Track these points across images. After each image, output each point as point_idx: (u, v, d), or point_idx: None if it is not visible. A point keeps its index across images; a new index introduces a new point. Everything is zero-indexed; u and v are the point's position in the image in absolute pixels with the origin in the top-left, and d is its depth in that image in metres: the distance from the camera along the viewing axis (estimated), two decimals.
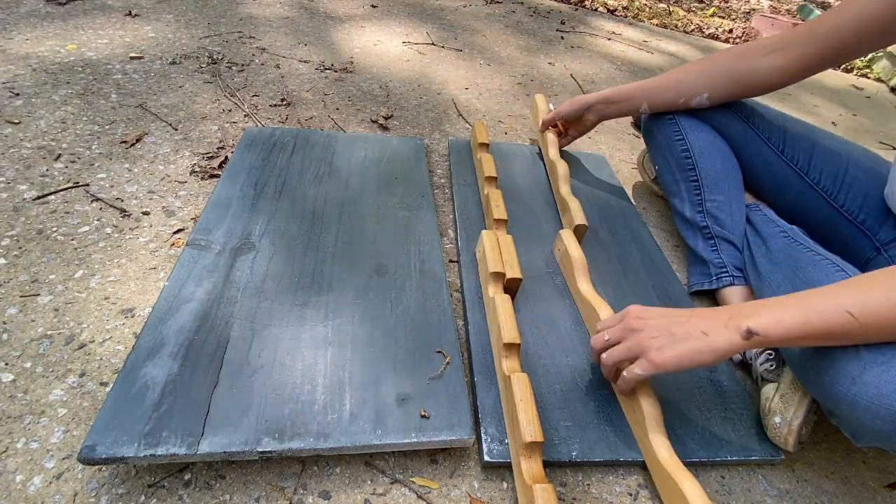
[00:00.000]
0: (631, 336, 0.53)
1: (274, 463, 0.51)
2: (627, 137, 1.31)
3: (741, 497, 0.57)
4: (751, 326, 0.47)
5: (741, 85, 0.76)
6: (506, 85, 1.45)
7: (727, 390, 0.65)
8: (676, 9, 2.87)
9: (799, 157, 0.78)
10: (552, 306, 0.72)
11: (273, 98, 1.13)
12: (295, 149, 0.92)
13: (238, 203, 0.77)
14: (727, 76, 0.77)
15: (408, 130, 1.12)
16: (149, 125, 0.96)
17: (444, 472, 0.53)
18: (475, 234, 0.82)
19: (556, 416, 0.58)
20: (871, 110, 1.96)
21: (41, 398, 0.53)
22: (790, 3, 3.65)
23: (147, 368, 0.52)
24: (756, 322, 0.47)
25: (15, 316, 0.60)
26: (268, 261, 0.68)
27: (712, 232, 0.81)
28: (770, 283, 0.67)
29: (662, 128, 0.86)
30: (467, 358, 0.64)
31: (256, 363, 0.55)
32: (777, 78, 0.72)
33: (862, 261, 0.74)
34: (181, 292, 0.61)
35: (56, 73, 1.04)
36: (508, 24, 1.95)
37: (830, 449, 0.64)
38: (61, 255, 0.68)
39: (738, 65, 0.75)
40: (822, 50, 0.67)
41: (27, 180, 0.78)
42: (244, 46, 1.33)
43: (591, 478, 0.55)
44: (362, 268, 0.70)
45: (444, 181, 0.98)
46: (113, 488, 0.47)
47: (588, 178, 1.03)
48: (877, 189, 0.73)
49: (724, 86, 0.78)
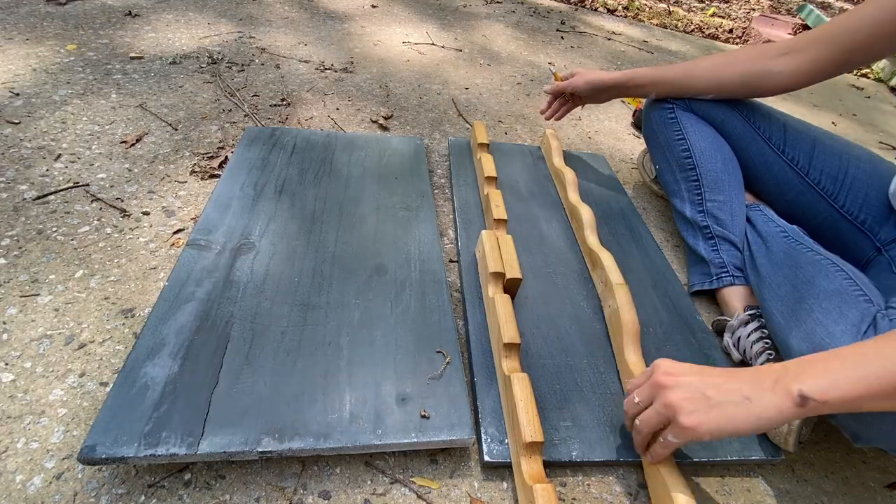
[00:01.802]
0: (659, 395, 0.46)
1: (274, 463, 0.51)
2: (627, 137, 1.31)
3: (741, 497, 0.57)
4: (803, 391, 0.40)
5: (751, 88, 0.76)
6: (506, 85, 1.45)
7: None
8: (676, 9, 2.87)
9: (799, 157, 0.78)
10: (552, 306, 0.72)
11: (273, 98, 1.13)
12: (295, 149, 0.92)
13: (238, 203, 0.77)
14: (738, 79, 0.76)
15: (408, 130, 1.12)
16: (149, 125, 0.96)
17: (444, 472, 0.53)
18: (475, 234, 0.82)
19: (556, 416, 0.58)
20: (871, 110, 1.96)
21: (41, 398, 0.53)
22: (790, 3, 3.65)
23: (147, 368, 0.52)
24: (809, 385, 0.40)
25: (15, 316, 0.60)
26: (268, 261, 0.68)
27: (713, 232, 0.81)
28: (770, 283, 0.67)
29: (663, 127, 0.86)
30: (467, 358, 0.64)
31: (256, 363, 0.55)
32: (787, 80, 0.72)
33: (862, 261, 0.74)
34: (181, 292, 0.61)
35: (56, 73, 1.04)
36: (508, 23, 1.95)
37: (830, 449, 0.64)
38: (61, 255, 0.68)
39: (750, 67, 0.74)
40: (835, 53, 0.67)
41: (27, 180, 0.78)
42: (244, 46, 1.33)
43: (591, 478, 0.55)
44: (362, 268, 0.70)
45: (444, 181, 0.98)
46: (113, 488, 0.47)
47: (588, 178, 1.03)
48: (877, 189, 0.73)
49: (734, 88, 0.78)
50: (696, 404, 0.43)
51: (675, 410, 0.44)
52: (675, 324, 0.73)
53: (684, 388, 0.45)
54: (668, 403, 0.45)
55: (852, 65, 0.67)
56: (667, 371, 0.47)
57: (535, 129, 1.25)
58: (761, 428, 0.42)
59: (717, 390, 0.43)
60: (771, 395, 0.41)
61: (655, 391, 0.47)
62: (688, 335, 0.72)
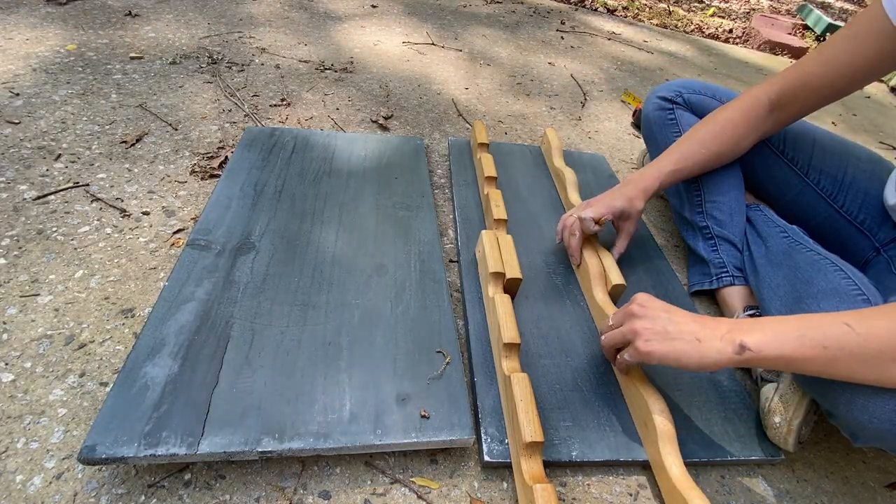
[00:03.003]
0: (629, 321, 0.54)
1: (274, 463, 0.51)
2: (627, 137, 1.31)
3: (741, 497, 0.57)
4: (744, 341, 0.46)
5: (743, 149, 0.76)
6: (506, 85, 1.45)
7: (727, 390, 0.65)
8: (676, 9, 2.87)
9: (799, 158, 0.78)
10: (552, 306, 0.72)
11: (273, 98, 1.13)
12: (295, 149, 0.92)
13: (238, 203, 0.77)
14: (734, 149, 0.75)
15: (408, 130, 1.12)
16: (149, 125, 0.96)
17: (444, 472, 0.53)
18: (475, 234, 0.82)
19: (556, 416, 0.58)
20: (870, 110, 1.97)
21: (41, 398, 0.53)
22: (790, 3, 3.65)
23: (147, 368, 0.52)
24: (752, 338, 0.46)
25: (15, 316, 0.60)
26: (268, 261, 0.68)
27: (712, 232, 0.81)
28: (769, 283, 0.67)
29: (662, 128, 0.86)
30: (467, 358, 0.64)
31: (256, 363, 0.55)
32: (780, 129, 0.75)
33: (861, 261, 0.74)
34: (181, 292, 0.61)
35: (56, 73, 1.04)
36: (508, 23, 1.95)
37: (830, 449, 0.64)
38: (61, 255, 0.68)
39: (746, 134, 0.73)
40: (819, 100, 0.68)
41: (27, 180, 0.78)
42: (244, 46, 1.33)
43: (591, 478, 0.55)
44: (362, 268, 0.70)
45: (444, 181, 0.98)
46: (113, 488, 0.47)
47: (588, 178, 1.03)
48: (877, 189, 0.73)
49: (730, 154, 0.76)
50: (655, 335, 0.50)
51: (636, 336, 0.52)
52: None
53: (649, 320, 0.52)
54: (632, 329, 0.52)
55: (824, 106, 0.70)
56: (641, 303, 0.54)
57: (535, 129, 1.25)
58: (704, 367, 0.48)
59: (676, 328, 0.50)
60: (717, 342, 0.47)
61: (626, 317, 0.55)
62: None
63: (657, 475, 0.54)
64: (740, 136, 0.73)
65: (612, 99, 1.51)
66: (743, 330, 0.47)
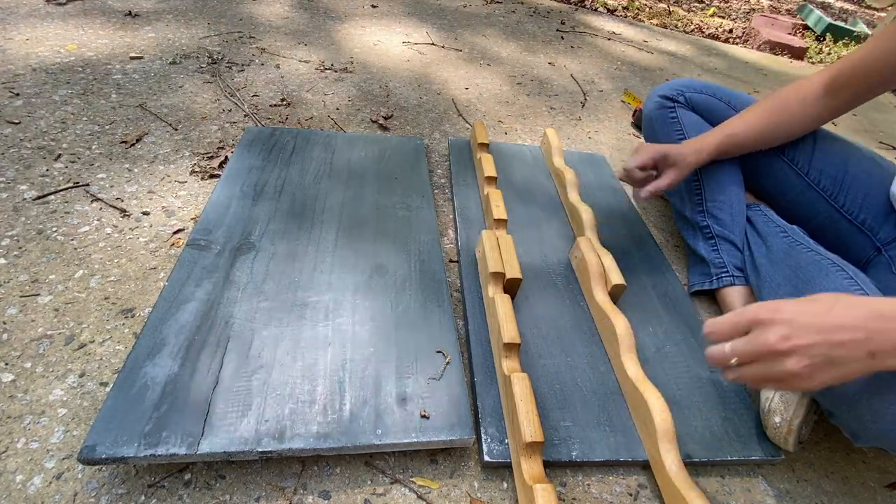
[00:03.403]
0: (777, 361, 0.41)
1: (274, 463, 0.51)
2: (627, 137, 1.31)
3: (741, 497, 0.57)
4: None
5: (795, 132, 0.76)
6: (506, 85, 1.45)
7: (727, 390, 0.65)
8: (676, 9, 2.87)
9: (799, 157, 0.78)
10: (552, 306, 0.72)
11: (273, 98, 1.13)
12: (295, 149, 0.92)
13: (238, 203, 0.77)
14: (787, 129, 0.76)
15: (408, 130, 1.12)
16: (149, 125, 0.96)
17: (444, 472, 0.53)
18: (475, 234, 0.82)
19: (556, 416, 0.58)
20: (870, 110, 1.96)
21: (41, 398, 0.53)
22: (790, 3, 3.65)
23: (147, 368, 0.52)
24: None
25: (15, 316, 0.60)
26: (268, 261, 0.68)
27: (713, 232, 0.81)
28: (770, 283, 0.67)
29: (664, 127, 0.86)
30: (467, 358, 0.64)
31: (256, 363, 0.55)
32: (835, 116, 0.74)
33: (862, 261, 0.74)
34: (181, 292, 0.61)
35: (56, 73, 1.04)
36: (508, 23, 1.95)
37: (830, 449, 0.64)
38: (61, 255, 0.68)
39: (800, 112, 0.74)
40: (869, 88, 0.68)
41: (27, 180, 0.78)
42: (244, 46, 1.33)
43: (591, 478, 0.55)
44: (362, 268, 0.70)
45: (444, 181, 0.98)
46: (113, 488, 0.47)
47: (588, 178, 1.03)
48: (877, 189, 0.73)
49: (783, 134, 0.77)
50: (817, 369, 0.40)
51: (792, 378, 0.41)
52: (675, 324, 0.73)
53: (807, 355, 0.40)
54: (785, 371, 0.40)
55: (876, 95, 0.70)
56: (785, 335, 0.40)
57: (535, 129, 1.25)
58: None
59: (841, 350, 0.39)
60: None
61: (766, 355, 0.41)
62: (688, 335, 0.72)
63: (657, 475, 0.54)
64: (794, 113, 0.74)
65: (612, 99, 1.51)
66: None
